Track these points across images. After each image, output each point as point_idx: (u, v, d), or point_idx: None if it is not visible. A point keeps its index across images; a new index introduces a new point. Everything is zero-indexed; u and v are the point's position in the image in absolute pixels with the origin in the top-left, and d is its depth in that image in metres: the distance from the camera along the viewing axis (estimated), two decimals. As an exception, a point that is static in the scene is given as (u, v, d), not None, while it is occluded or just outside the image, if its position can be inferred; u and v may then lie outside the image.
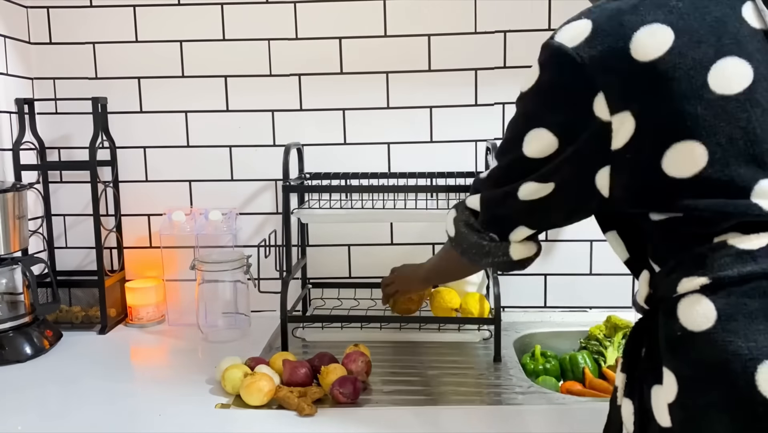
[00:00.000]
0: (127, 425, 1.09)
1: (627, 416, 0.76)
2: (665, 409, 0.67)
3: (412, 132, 1.63)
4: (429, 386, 1.23)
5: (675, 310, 0.67)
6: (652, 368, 0.70)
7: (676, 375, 0.66)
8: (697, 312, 0.65)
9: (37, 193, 1.64)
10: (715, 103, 0.66)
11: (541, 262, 1.63)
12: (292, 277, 1.42)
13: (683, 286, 0.67)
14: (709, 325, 0.63)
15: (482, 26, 1.58)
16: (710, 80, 0.66)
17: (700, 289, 0.66)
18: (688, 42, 0.67)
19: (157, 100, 1.64)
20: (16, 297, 1.42)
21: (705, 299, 0.65)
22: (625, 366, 0.78)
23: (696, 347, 0.64)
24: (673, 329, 0.67)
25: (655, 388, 0.69)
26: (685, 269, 0.68)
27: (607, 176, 0.72)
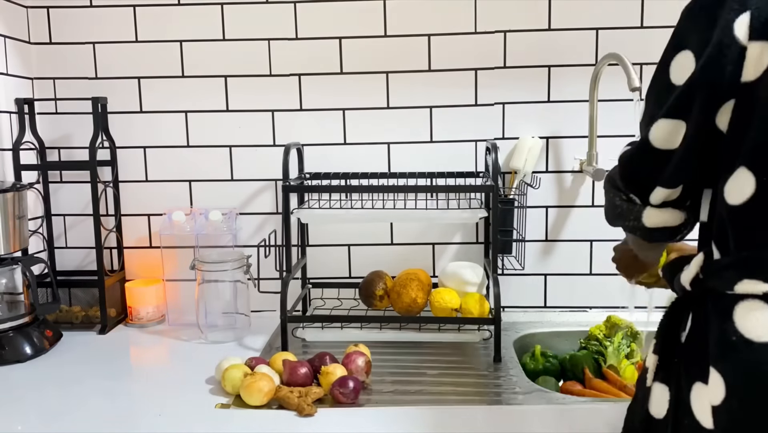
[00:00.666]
0: (127, 425, 1.09)
1: (659, 402, 0.73)
2: (708, 410, 0.65)
3: (412, 132, 1.63)
4: (429, 386, 1.23)
5: (731, 311, 0.64)
6: (696, 362, 0.68)
7: (725, 379, 0.63)
8: (757, 320, 0.62)
9: (37, 193, 1.64)
10: None
11: (541, 262, 1.65)
12: (292, 277, 1.42)
13: (743, 287, 0.64)
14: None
15: (482, 26, 1.58)
16: None
17: (763, 296, 0.62)
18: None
19: (157, 100, 1.64)
20: (16, 297, 1.42)
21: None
22: (659, 348, 0.75)
23: (753, 357, 0.62)
24: (727, 332, 0.64)
25: (698, 385, 0.67)
26: (750, 268, 0.64)
27: (729, 113, 0.66)
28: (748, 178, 0.64)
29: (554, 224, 1.64)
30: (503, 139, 1.61)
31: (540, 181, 1.59)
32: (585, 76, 1.54)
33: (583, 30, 1.56)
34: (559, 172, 1.63)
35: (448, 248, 1.67)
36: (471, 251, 1.66)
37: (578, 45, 1.57)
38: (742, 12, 0.64)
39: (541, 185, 1.60)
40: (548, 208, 1.64)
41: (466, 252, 1.66)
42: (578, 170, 1.61)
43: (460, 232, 1.66)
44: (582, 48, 1.57)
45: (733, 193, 0.66)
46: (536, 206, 1.63)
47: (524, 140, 1.58)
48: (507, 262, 1.60)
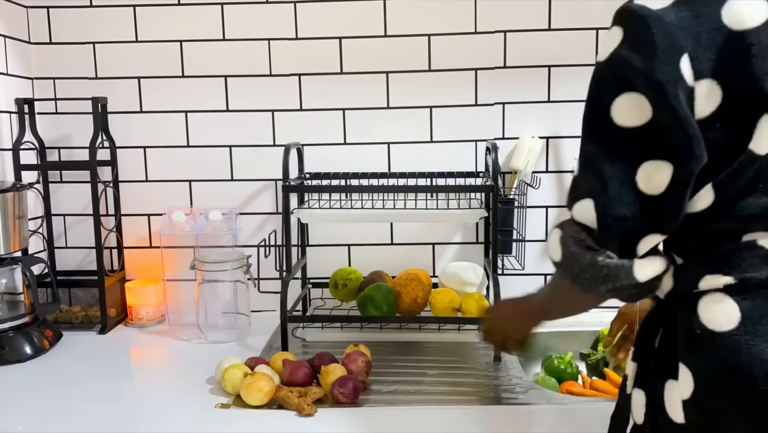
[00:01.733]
0: (127, 425, 1.09)
1: (637, 407, 0.75)
2: (679, 405, 0.66)
3: (412, 132, 1.63)
4: (429, 386, 1.23)
5: (695, 307, 0.66)
6: (667, 362, 0.69)
7: (692, 373, 0.65)
8: (719, 312, 0.64)
9: (37, 193, 1.64)
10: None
11: (541, 262, 1.65)
12: (292, 277, 1.42)
13: (706, 283, 0.66)
14: (732, 326, 0.63)
15: (482, 26, 1.58)
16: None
17: (724, 288, 0.64)
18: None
19: (157, 100, 1.64)
20: (16, 297, 1.42)
21: (729, 299, 0.64)
22: (637, 355, 0.77)
23: (716, 347, 0.63)
24: (693, 327, 0.66)
25: (670, 383, 0.68)
26: (710, 265, 0.66)
27: None
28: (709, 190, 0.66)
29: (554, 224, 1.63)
30: (503, 139, 1.61)
31: (540, 181, 1.59)
32: (585, 76, 1.53)
33: (583, 30, 1.56)
34: (559, 172, 1.63)
35: (448, 248, 1.67)
36: (471, 251, 1.66)
37: (578, 45, 1.57)
38: (681, 54, 0.65)
39: (541, 185, 1.60)
40: (548, 208, 1.64)
41: (466, 252, 1.66)
42: (578, 170, 1.61)
43: (460, 232, 1.66)
44: (582, 48, 1.57)
45: (694, 205, 0.67)
46: (536, 206, 1.63)
47: (524, 140, 1.58)
48: (507, 262, 1.60)
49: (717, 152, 0.66)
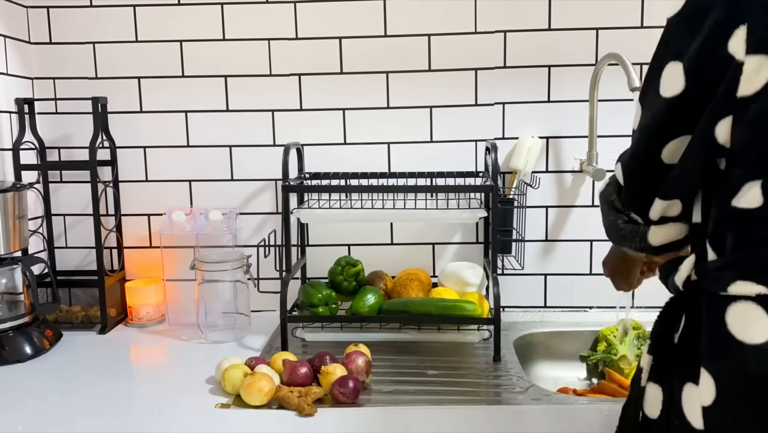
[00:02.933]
0: (127, 425, 1.09)
1: (653, 402, 0.73)
2: (698, 411, 0.65)
3: (412, 132, 1.63)
4: (429, 386, 1.23)
5: (723, 312, 0.63)
6: (688, 363, 0.67)
7: (716, 381, 0.63)
8: (749, 323, 0.61)
9: (37, 193, 1.64)
10: None
11: (541, 262, 1.65)
12: (291, 276, 1.42)
13: (737, 288, 0.63)
14: (763, 340, 0.60)
15: (482, 26, 1.58)
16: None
17: (756, 297, 0.61)
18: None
19: (157, 100, 1.64)
20: (16, 297, 1.42)
21: (761, 310, 0.61)
22: (653, 348, 0.75)
23: (744, 359, 0.61)
24: (719, 333, 0.63)
25: (689, 386, 0.67)
26: (744, 270, 0.63)
27: (728, 129, 0.65)
28: (757, 190, 0.63)
29: (554, 224, 1.64)
30: (503, 139, 1.61)
31: (540, 181, 1.59)
32: (585, 76, 1.54)
33: (583, 30, 1.56)
34: (559, 172, 1.63)
35: (447, 248, 1.67)
36: (471, 251, 1.66)
37: (578, 45, 1.57)
38: (737, 25, 0.63)
39: (540, 185, 1.60)
40: (548, 208, 1.64)
41: (466, 252, 1.66)
42: (578, 170, 1.61)
43: (459, 232, 1.66)
44: (582, 48, 1.57)
45: (741, 200, 0.64)
46: (536, 206, 1.63)
47: (524, 140, 1.58)
48: (507, 262, 1.60)
49: (755, 138, 0.63)
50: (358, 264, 1.51)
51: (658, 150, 0.71)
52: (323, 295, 1.44)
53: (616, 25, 1.56)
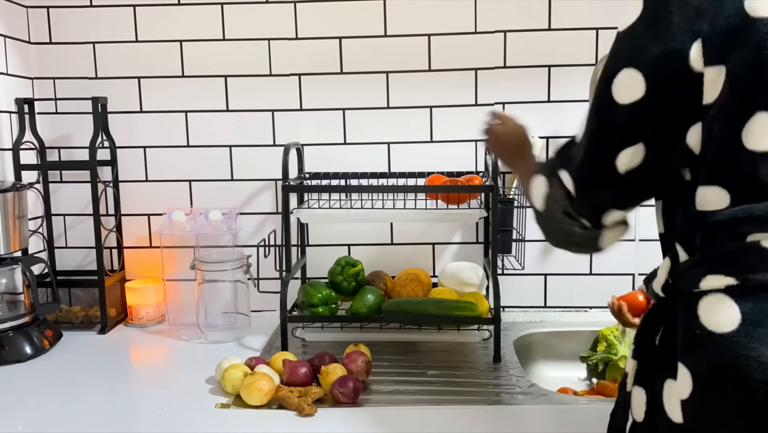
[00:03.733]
0: (127, 425, 1.09)
1: (638, 405, 0.74)
2: (678, 405, 0.66)
3: (412, 132, 1.63)
4: (429, 386, 1.23)
5: (696, 307, 0.65)
6: (667, 361, 0.69)
7: (692, 373, 0.64)
8: (719, 313, 0.63)
9: (37, 193, 1.64)
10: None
11: (541, 262, 1.65)
12: (291, 276, 1.42)
13: (707, 283, 0.65)
14: (732, 328, 0.62)
15: (482, 26, 1.58)
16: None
17: (725, 289, 0.63)
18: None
19: (157, 100, 1.64)
20: (16, 297, 1.42)
21: (730, 300, 0.63)
22: (637, 353, 0.76)
23: (716, 348, 0.62)
24: (693, 327, 0.65)
25: (669, 382, 0.68)
26: (712, 265, 0.65)
27: (700, 133, 0.67)
28: (722, 193, 0.66)
29: (554, 224, 1.64)
30: (503, 139, 1.61)
31: (540, 181, 1.59)
32: (585, 76, 1.54)
33: (583, 30, 1.56)
34: (559, 172, 1.62)
35: (448, 248, 1.67)
36: (471, 251, 1.66)
37: (578, 45, 1.57)
38: (694, 39, 0.66)
39: (541, 185, 1.59)
40: (548, 208, 1.63)
41: (466, 252, 1.66)
42: (578, 170, 1.61)
43: (459, 232, 1.66)
44: (582, 48, 1.57)
45: (707, 204, 0.67)
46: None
47: (524, 140, 1.58)
48: (507, 262, 1.60)
49: (716, 143, 0.66)
50: (358, 264, 1.51)
51: (612, 158, 0.72)
52: (323, 295, 1.44)
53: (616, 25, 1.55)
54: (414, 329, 1.49)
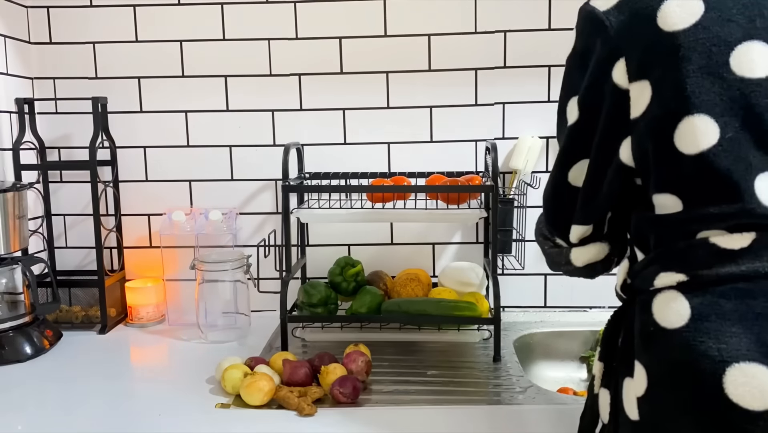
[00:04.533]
0: (127, 425, 1.09)
1: (603, 406, 0.75)
2: (634, 402, 0.67)
3: (412, 132, 1.63)
4: (429, 386, 1.23)
5: (650, 304, 0.67)
6: (626, 360, 0.70)
7: (646, 370, 0.65)
8: (671, 309, 0.64)
9: (37, 193, 1.64)
10: (734, 84, 0.65)
11: (541, 262, 1.63)
12: (291, 276, 1.42)
13: (660, 280, 0.67)
14: (682, 323, 0.63)
15: (482, 26, 1.58)
16: (732, 60, 0.65)
17: (677, 285, 0.65)
18: (716, 18, 0.66)
19: (157, 100, 1.64)
20: (16, 297, 1.42)
21: (681, 296, 0.64)
22: (603, 355, 0.78)
23: (667, 344, 0.64)
24: (647, 324, 0.66)
25: (627, 380, 0.69)
26: (664, 263, 0.67)
27: (629, 148, 0.71)
28: (673, 200, 0.68)
29: (554, 224, 1.64)
30: (503, 139, 1.61)
31: (540, 181, 1.59)
32: (585, 76, 1.54)
33: (583, 30, 1.56)
34: (559, 172, 1.62)
35: (448, 248, 1.67)
36: (471, 251, 1.66)
37: (578, 45, 1.57)
38: (617, 59, 0.71)
39: (540, 185, 1.59)
40: (548, 208, 1.63)
41: (466, 252, 1.66)
42: (578, 170, 1.61)
43: (459, 232, 1.66)
44: (582, 48, 1.57)
45: (664, 208, 0.70)
46: (536, 206, 1.63)
47: (524, 140, 1.58)
48: (507, 262, 1.60)
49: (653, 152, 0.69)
50: (358, 264, 1.51)
51: (565, 174, 0.79)
52: (323, 295, 1.44)
53: (616, 25, 1.55)
54: (414, 329, 1.49)
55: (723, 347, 0.59)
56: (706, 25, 0.66)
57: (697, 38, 0.66)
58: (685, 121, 0.66)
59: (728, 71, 0.65)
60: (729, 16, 0.66)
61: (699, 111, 0.65)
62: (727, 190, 0.64)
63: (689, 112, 0.66)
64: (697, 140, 0.65)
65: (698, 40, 0.66)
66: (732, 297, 0.62)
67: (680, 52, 0.66)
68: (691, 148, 0.65)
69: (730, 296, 0.62)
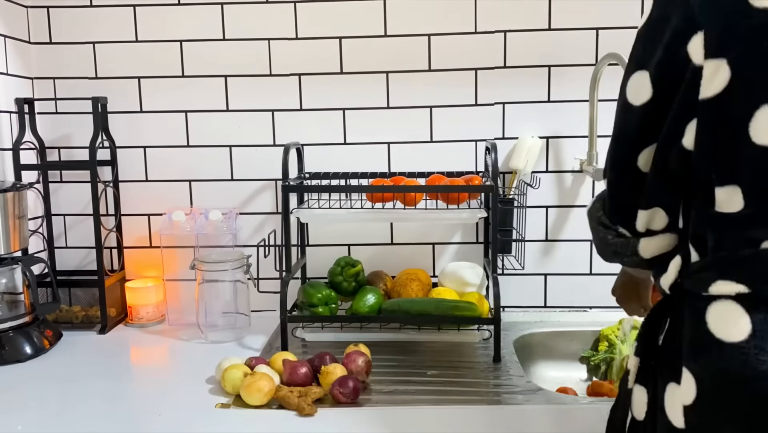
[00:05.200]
0: (127, 425, 1.09)
1: (639, 404, 0.74)
2: (680, 410, 0.65)
3: (412, 132, 1.63)
4: (429, 386, 1.23)
5: (704, 312, 0.63)
6: (671, 364, 0.68)
7: (696, 379, 0.63)
8: (729, 321, 0.61)
9: (37, 193, 1.64)
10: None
11: (541, 262, 1.65)
12: (291, 276, 1.42)
13: (717, 288, 0.63)
14: (742, 338, 0.60)
15: (482, 26, 1.58)
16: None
17: (736, 296, 0.62)
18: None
19: (157, 100, 1.64)
20: (16, 297, 1.42)
21: (740, 309, 0.61)
22: (640, 350, 0.75)
23: (723, 357, 0.61)
24: (700, 332, 0.63)
25: (672, 386, 0.67)
26: (724, 269, 0.63)
27: (693, 132, 0.66)
28: (736, 194, 0.64)
29: (554, 224, 1.64)
30: (503, 139, 1.61)
31: (540, 181, 1.59)
32: (585, 76, 1.54)
33: (583, 30, 1.56)
34: (559, 172, 1.63)
35: (448, 248, 1.67)
36: (471, 251, 1.66)
37: (578, 45, 1.57)
38: (695, 31, 0.65)
39: (541, 185, 1.60)
40: (548, 208, 1.64)
41: (466, 252, 1.66)
42: (578, 170, 1.61)
43: (459, 232, 1.66)
44: (582, 48, 1.57)
45: (723, 205, 0.65)
46: (536, 206, 1.63)
47: (524, 140, 1.58)
48: (507, 262, 1.60)
49: (722, 140, 0.64)
50: (358, 264, 1.51)
51: (633, 159, 0.73)
52: (323, 295, 1.44)
53: (616, 25, 1.56)
54: (414, 329, 1.49)
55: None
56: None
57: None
58: (764, 109, 0.61)
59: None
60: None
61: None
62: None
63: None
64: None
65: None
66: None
67: (766, 33, 0.61)
68: (766, 139, 0.61)
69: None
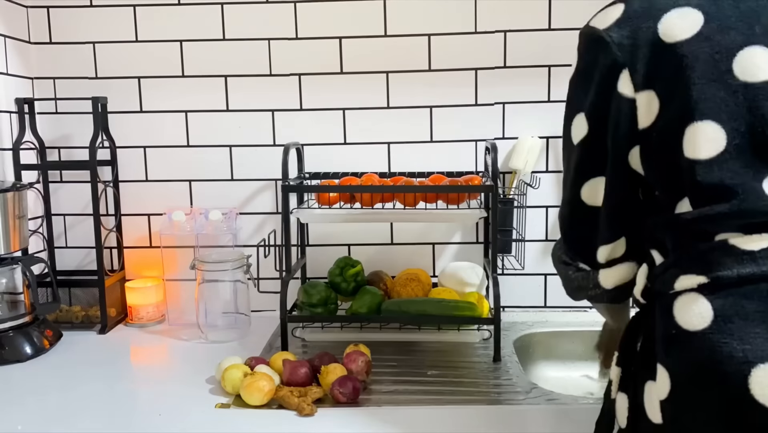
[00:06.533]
0: (127, 425, 1.09)
1: (621, 411, 0.75)
2: (657, 405, 0.67)
3: (412, 132, 1.63)
4: (429, 386, 1.23)
5: (671, 307, 0.67)
6: (647, 364, 0.70)
7: (669, 373, 0.66)
8: (693, 311, 0.65)
9: (37, 193, 1.64)
10: (738, 89, 0.66)
11: (541, 262, 1.65)
12: (291, 276, 1.42)
13: (681, 283, 0.67)
14: (705, 325, 0.63)
15: (482, 26, 1.58)
16: (735, 66, 0.67)
17: (698, 288, 0.65)
18: (717, 28, 0.68)
19: (157, 100, 1.64)
20: (16, 297, 1.42)
21: (702, 298, 0.65)
22: (621, 360, 0.78)
23: (690, 346, 0.64)
24: (669, 327, 0.67)
25: (648, 384, 0.69)
26: (684, 266, 0.68)
27: (638, 156, 0.73)
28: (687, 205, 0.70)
29: (554, 224, 1.64)
30: (503, 139, 1.61)
31: (540, 181, 1.59)
32: (585, 76, 1.54)
33: (583, 30, 1.56)
34: (559, 172, 1.63)
35: (447, 248, 1.67)
36: (471, 251, 1.66)
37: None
38: (620, 70, 0.72)
39: (540, 185, 1.59)
40: (548, 208, 1.64)
41: (466, 252, 1.66)
42: (578, 170, 1.61)
43: (459, 232, 1.66)
44: (582, 48, 1.57)
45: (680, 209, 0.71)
46: (536, 206, 1.63)
47: (524, 140, 1.59)
48: (507, 262, 1.60)
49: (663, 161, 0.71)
50: (358, 265, 1.51)
51: (577, 193, 0.80)
52: (323, 295, 1.44)
53: (616, 25, 1.55)
54: (414, 329, 1.49)
55: (747, 348, 0.60)
56: (707, 35, 0.68)
57: (699, 47, 0.68)
58: (692, 128, 0.67)
59: (732, 77, 0.67)
60: (729, 24, 0.68)
61: (705, 117, 0.67)
62: (735, 192, 0.65)
63: (696, 119, 0.67)
64: (704, 146, 0.66)
65: (701, 49, 0.68)
66: (754, 298, 0.62)
67: (684, 62, 0.68)
68: (699, 153, 0.67)
69: (752, 296, 0.62)
